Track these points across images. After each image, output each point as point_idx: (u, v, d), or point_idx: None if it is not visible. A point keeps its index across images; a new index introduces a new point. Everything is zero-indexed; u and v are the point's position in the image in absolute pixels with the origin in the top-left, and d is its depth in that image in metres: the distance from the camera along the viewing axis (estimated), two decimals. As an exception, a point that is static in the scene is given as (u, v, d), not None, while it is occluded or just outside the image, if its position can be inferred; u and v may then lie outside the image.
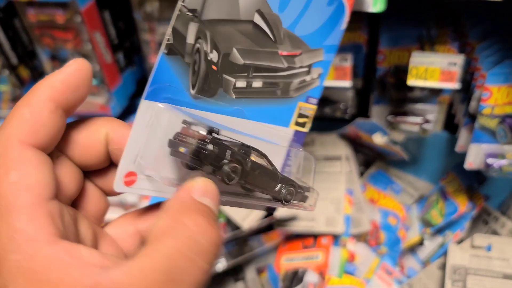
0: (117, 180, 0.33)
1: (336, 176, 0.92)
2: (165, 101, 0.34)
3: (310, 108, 0.40)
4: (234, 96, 0.36)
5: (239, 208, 0.39)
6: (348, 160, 0.93)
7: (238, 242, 0.88)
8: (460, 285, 0.78)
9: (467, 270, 0.78)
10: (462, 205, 0.86)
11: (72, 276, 0.23)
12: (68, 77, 0.29)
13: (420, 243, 0.91)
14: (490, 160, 0.77)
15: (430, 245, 0.90)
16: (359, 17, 0.86)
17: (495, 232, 0.86)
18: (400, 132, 0.85)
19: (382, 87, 0.84)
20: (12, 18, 0.86)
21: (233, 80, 0.36)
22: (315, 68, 0.39)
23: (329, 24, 0.38)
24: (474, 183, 0.89)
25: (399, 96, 0.84)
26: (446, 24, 0.83)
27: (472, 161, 0.76)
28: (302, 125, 0.40)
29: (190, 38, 0.33)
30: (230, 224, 0.92)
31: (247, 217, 0.88)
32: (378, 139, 0.84)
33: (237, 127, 0.37)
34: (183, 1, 0.32)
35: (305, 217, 0.88)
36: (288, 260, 0.88)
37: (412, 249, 0.91)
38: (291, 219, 0.88)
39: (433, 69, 0.63)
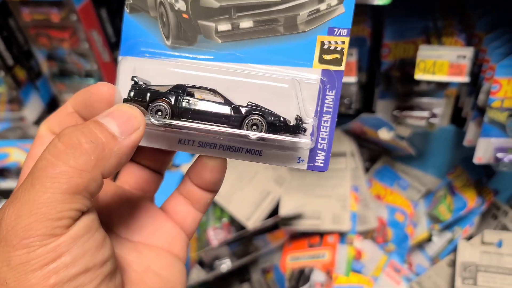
0: None
1: (341, 172, 0.90)
2: (142, 55, 0.35)
3: (340, 41, 0.34)
4: (220, 41, 0.34)
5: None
6: (353, 156, 0.92)
7: (243, 242, 0.87)
8: (470, 282, 0.76)
9: (477, 267, 0.77)
10: (471, 200, 0.84)
11: None
12: (85, 94, 0.34)
13: (429, 239, 0.89)
14: (500, 155, 0.75)
15: (439, 242, 0.88)
16: (362, 10, 0.83)
17: (504, 227, 0.84)
18: (406, 126, 0.83)
19: (387, 81, 0.82)
20: (6, 18, 0.83)
21: (213, 24, 0.34)
22: None
23: None
24: (483, 177, 0.87)
25: (405, 90, 0.82)
26: (452, 15, 0.81)
27: (481, 156, 0.74)
28: (333, 62, 0.34)
29: None
30: (234, 224, 0.90)
31: (252, 217, 0.87)
32: (384, 134, 0.82)
33: (236, 72, 0.34)
34: None
35: (311, 215, 0.87)
36: (294, 259, 0.87)
37: (420, 246, 0.90)
38: (297, 217, 0.87)
39: (441, 62, 0.61)
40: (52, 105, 0.96)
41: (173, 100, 0.33)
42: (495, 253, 0.78)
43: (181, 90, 0.34)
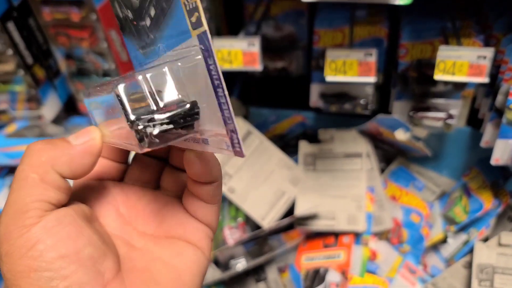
0: None
1: (356, 173, 0.90)
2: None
3: None
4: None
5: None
6: (368, 157, 0.92)
7: (258, 242, 0.87)
8: (487, 284, 0.76)
9: (494, 269, 0.77)
10: (487, 202, 0.84)
11: None
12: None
13: (444, 241, 0.89)
14: (517, 156, 0.75)
15: (454, 243, 0.88)
16: (379, 10, 0.84)
17: (521, 229, 0.84)
18: (423, 127, 0.83)
19: (404, 82, 0.82)
20: (26, 17, 0.84)
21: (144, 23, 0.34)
22: None
23: None
24: (499, 179, 0.87)
25: (422, 91, 0.82)
26: (469, 16, 0.81)
27: (499, 157, 0.74)
28: (198, 23, 0.29)
29: (117, 12, 0.36)
30: (250, 223, 0.90)
31: (267, 216, 0.87)
32: (401, 135, 0.82)
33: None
34: None
35: (326, 216, 0.87)
36: (309, 259, 0.87)
37: (436, 247, 0.89)
38: (312, 217, 0.87)
39: (461, 63, 0.61)
40: (69, 104, 0.97)
41: None
42: (512, 255, 0.77)
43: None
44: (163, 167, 0.42)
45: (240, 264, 0.85)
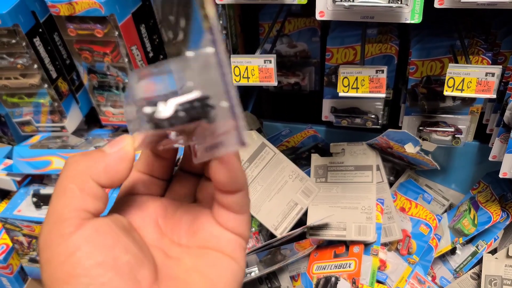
0: None
1: (367, 185, 0.92)
2: None
3: None
4: None
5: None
6: (378, 170, 0.94)
7: (271, 251, 0.89)
8: (495, 295, 0.78)
9: (503, 281, 0.79)
10: (495, 214, 0.86)
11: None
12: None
13: (452, 252, 0.91)
14: (525, 168, 0.77)
15: (463, 255, 0.90)
16: (390, 29, 0.87)
17: (528, 242, 0.86)
18: (431, 142, 0.86)
19: (414, 97, 0.85)
20: (52, 33, 0.88)
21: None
22: None
23: None
24: (507, 192, 0.89)
25: (431, 107, 0.85)
26: (477, 34, 0.84)
27: (507, 171, 0.76)
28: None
29: None
30: (263, 232, 0.93)
31: (280, 226, 0.90)
32: (410, 149, 0.85)
33: None
34: None
35: (337, 226, 0.89)
36: (320, 268, 0.89)
37: (444, 258, 0.92)
38: (323, 227, 0.89)
39: (470, 79, 0.64)
40: (90, 116, 1.01)
41: None
42: (519, 266, 0.79)
43: None
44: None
45: (253, 273, 0.87)
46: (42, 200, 0.93)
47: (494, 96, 0.65)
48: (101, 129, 1.02)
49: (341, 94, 0.73)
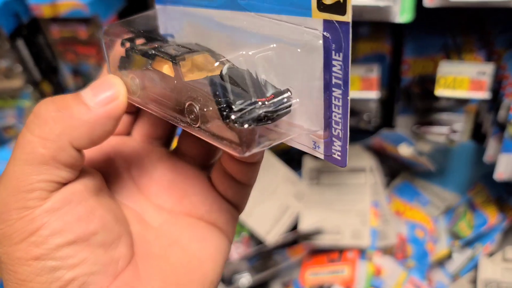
0: None
1: (361, 188, 0.90)
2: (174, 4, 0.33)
3: None
4: None
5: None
6: (372, 172, 0.92)
7: (263, 257, 0.87)
8: (492, 300, 0.76)
9: (499, 284, 0.76)
10: (492, 216, 0.84)
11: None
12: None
13: (449, 256, 0.89)
14: (521, 170, 0.75)
15: (459, 258, 0.87)
16: (382, 27, 0.85)
17: (526, 244, 0.84)
18: (426, 142, 0.84)
19: (407, 97, 0.83)
20: (35, 35, 0.86)
21: None
22: None
23: None
24: (504, 194, 0.87)
25: (425, 106, 0.83)
26: (471, 32, 0.82)
27: (503, 172, 0.74)
28: (335, 8, 0.23)
29: None
30: (254, 238, 0.91)
31: (271, 231, 0.87)
32: (404, 150, 0.82)
33: (235, 23, 0.29)
34: None
35: (330, 230, 0.87)
36: (313, 274, 0.87)
37: (441, 263, 0.89)
38: (316, 232, 0.87)
39: (461, 78, 0.62)
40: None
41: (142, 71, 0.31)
42: (517, 270, 0.77)
43: (152, 55, 0.29)
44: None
45: (244, 279, 0.85)
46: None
47: (487, 95, 0.63)
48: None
49: (331, 94, 0.71)
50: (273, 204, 0.89)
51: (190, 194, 0.34)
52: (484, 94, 0.63)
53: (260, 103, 0.25)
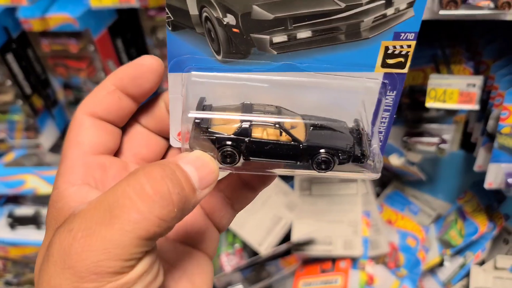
0: (171, 138, 0.36)
1: (352, 198, 0.91)
2: (193, 70, 0.34)
3: (405, 45, 0.32)
4: (275, 52, 0.33)
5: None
6: (364, 182, 0.93)
7: (256, 268, 0.87)
8: (484, 308, 0.76)
9: (491, 293, 0.77)
10: (482, 225, 0.85)
11: (61, 204, 0.31)
12: (129, 68, 0.34)
13: (440, 264, 0.89)
14: (511, 180, 0.76)
15: (451, 267, 0.88)
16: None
17: (516, 252, 0.85)
18: (416, 152, 0.84)
19: (397, 108, 0.84)
20: (25, 49, 0.86)
21: (267, 37, 0.32)
22: None
23: None
24: (493, 202, 0.88)
25: (415, 117, 0.83)
26: (459, 43, 0.82)
27: (492, 181, 0.75)
28: (397, 66, 0.32)
29: (193, 10, 0.32)
30: (247, 249, 0.91)
31: (264, 242, 0.87)
32: (395, 161, 0.83)
33: (294, 81, 0.34)
34: None
35: (323, 241, 0.87)
36: (306, 284, 0.87)
37: (432, 271, 0.90)
38: (309, 243, 0.87)
39: (451, 90, 0.63)
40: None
41: (241, 145, 0.33)
42: (508, 278, 0.78)
43: (248, 127, 0.33)
44: (168, 148, 0.38)
45: (238, 291, 0.85)
46: (17, 221, 0.90)
47: (477, 107, 0.63)
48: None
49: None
50: (266, 215, 0.90)
51: (191, 225, 0.36)
52: (473, 106, 0.64)
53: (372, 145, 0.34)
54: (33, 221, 0.91)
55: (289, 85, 0.34)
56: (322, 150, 0.33)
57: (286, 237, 0.89)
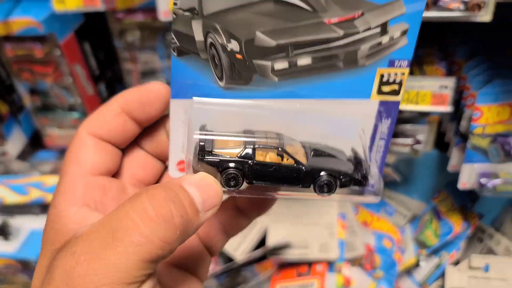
0: (170, 168, 0.37)
1: (327, 201, 0.90)
2: (195, 96, 0.35)
3: (399, 73, 0.33)
4: (276, 79, 0.34)
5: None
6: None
7: (231, 274, 0.86)
8: (460, 308, 0.76)
9: (466, 293, 0.77)
10: (457, 224, 0.85)
11: (59, 225, 0.31)
12: (137, 93, 0.34)
13: (416, 265, 0.89)
14: (483, 180, 0.76)
15: (426, 267, 0.88)
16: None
17: (490, 250, 0.85)
18: (391, 153, 0.84)
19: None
20: (-12, 53, 0.83)
21: (269, 63, 0.33)
22: (394, 25, 0.32)
23: None
24: (467, 201, 0.88)
25: (388, 118, 0.83)
26: (432, 43, 0.82)
27: (466, 181, 0.75)
28: (391, 93, 0.33)
29: (198, 36, 0.33)
30: (222, 255, 0.89)
31: (239, 247, 0.86)
32: (369, 162, 0.83)
33: (293, 108, 0.34)
34: (175, 4, 0.32)
35: (299, 245, 0.86)
36: (283, 289, 0.86)
37: (408, 272, 0.90)
38: (284, 247, 0.86)
39: (424, 92, 0.63)
40: (34, 138, 0.96)
41: (245, 167, 0.33)
42: (482, 277, 0.78)
43: (252, 150, 0.34)
44: (165, 170, 0.39)
45: (214, 298, 0.83)
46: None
47: (449, 109, 0.63)
48: (46, 151, 0.97)
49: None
50: (241, 220, 0.88)
51: (187, 252, 0.37)
52: (446, 108, 0.64)
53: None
54: (1, 231, 0.88)
55: (290, 112, 0.34)
56: (323, 173, 0.34)
57: (262, 241, 0.88)
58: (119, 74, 0.92)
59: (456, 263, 0.84)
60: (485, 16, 0.67)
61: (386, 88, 0.33)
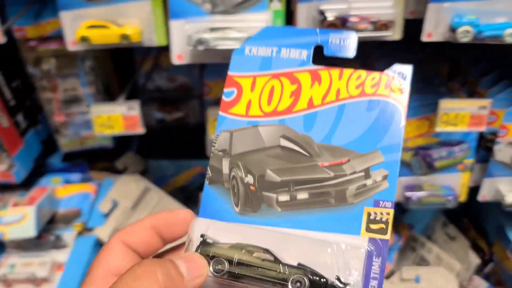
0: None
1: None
2: (216, 218, 0.40)
3: (385, 213, 0.37)
4: (279, 209, 0.39)
5: None
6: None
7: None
8: (393, 321, 0.77)
9: (398, 305, 0.78)
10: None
11: None
12: (167, 215, 0.40)
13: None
14: (408, 193, 0.77)
15: (361, 280, 0.89)
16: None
17: (423, 259, 0.86)
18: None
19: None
20: None
21: (274, 195, 0.39)
22: (376, 171, 0.38)
23: (378, 127, 0.39)
24: (397, 213, 0.89)
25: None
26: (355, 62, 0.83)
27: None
28: (379, 231, 0.37)
29: (225, 169, 0.41)
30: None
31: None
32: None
33: (293, 238, 0.39)
34: (214, 146, 0.42)
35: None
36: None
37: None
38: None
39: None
40: None
41: (233, 258, 0.37)
42: (414, 289, 0.79)
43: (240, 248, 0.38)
44: None
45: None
46: None
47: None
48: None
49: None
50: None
51: None
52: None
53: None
54: None
55: (283, 237, 0.39)
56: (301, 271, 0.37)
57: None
58: (39, 102, 0.88)
59: (390, 275, 0.85)
60: (395, 35, 0.69)
61: (374, 226, 0.37)
